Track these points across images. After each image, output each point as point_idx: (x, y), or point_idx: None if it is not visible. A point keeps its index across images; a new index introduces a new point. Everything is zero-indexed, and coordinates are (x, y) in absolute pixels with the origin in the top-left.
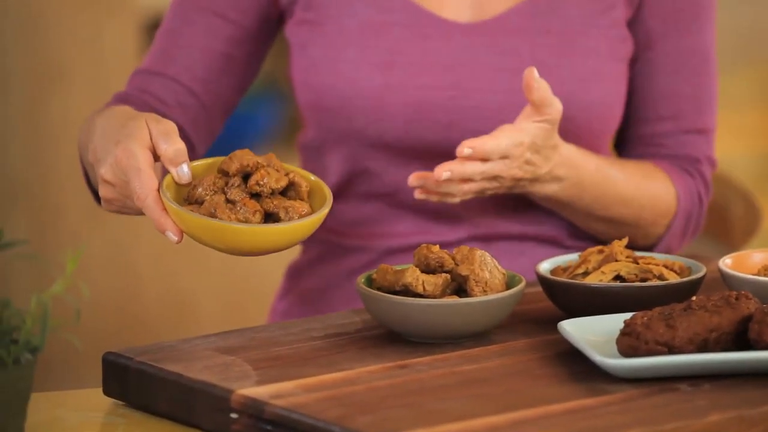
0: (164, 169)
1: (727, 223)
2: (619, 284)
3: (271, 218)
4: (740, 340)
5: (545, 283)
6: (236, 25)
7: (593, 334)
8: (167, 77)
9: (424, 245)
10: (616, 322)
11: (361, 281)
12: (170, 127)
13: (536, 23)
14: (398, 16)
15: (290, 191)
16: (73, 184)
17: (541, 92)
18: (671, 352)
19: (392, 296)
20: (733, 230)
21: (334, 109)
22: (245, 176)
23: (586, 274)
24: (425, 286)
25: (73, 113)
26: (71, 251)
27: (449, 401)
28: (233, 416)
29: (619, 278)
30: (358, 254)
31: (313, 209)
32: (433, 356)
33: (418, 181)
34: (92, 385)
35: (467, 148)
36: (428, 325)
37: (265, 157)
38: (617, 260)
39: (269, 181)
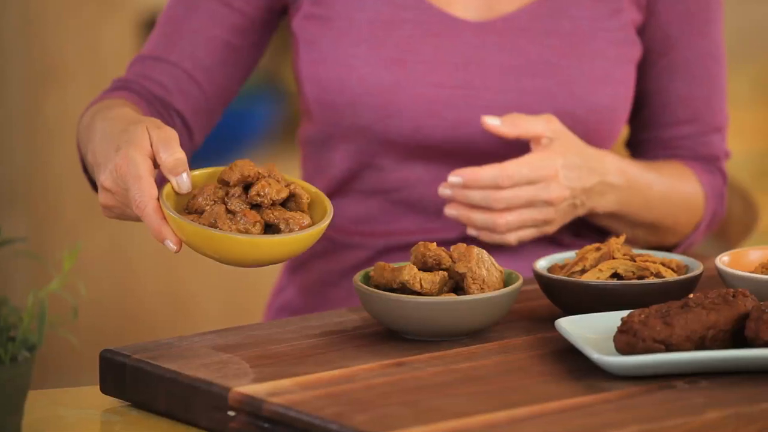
0: (164, 177)
1: (724, 221)
2: (616, 282)
3: (271, 229)
4: (737, 337)
5: (542, 280)
6: (241, 13)
7: (590, 331)
8: (169, 63)
9: (421, 243)
10: (613, 319)
11: (358, 279)
12: (171, 134)
13: (545, 24)
14: (409, 13)
15: (291, 202)
16: (70, 181)
17: (515, 130)
18: (668, 349)
19: (389, 294)
20: (730, 228)
21: (342, 105)
22: (246, 186)
23: (583, 271)
24: (422, 283)
25: (70, 111)
26: (69, 249)
27: (447, 399)
28: (231, 414)
29: (616, 276)
30: (357, 251)
31: (313, 221)
32: (430, 354)
33: (447, 189)
34: (89, 382)
35: (454, 176)
36: (425, 322)
37: (266, 167)
38: (614, 258)
39: (270, 192)
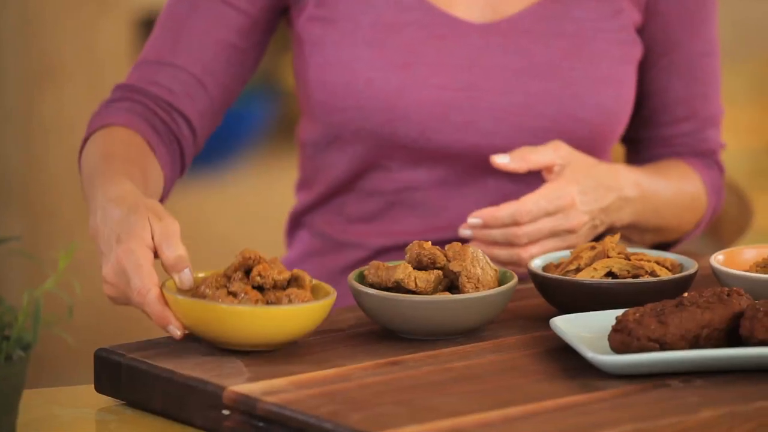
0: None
1: (719, 219)
2: (610, 281)
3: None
4: (732, 336)
5: (537, 279)
6: (245, 14)
7: (585, 330)
8: (175, 67)
9: (416, 242)
10: (607, 318)
11: (353, 277)
12: (172, 228)
13: (549, 25)
14: (412, 15)
15: (293, 285)
16: (66, 181)
17: (524, 165)
18: (663, 348)
19: (384, 293)
20: (725, 227)
21: (348, 107)
22: (247, 272)
23: (578, 270)
24: (417, 282)
25: (66, 111)
26: (64, 248)
27: (441, 398)
28: (225, 413)
29: (611, 275)
30: (354, 250)
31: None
32: (425, 353)
33: (467, 230)
34: (85, 381)
35: (473, 218)
36: (420, 321)
37: (269, 259)
38: (609, 257)
39: (272, 272)
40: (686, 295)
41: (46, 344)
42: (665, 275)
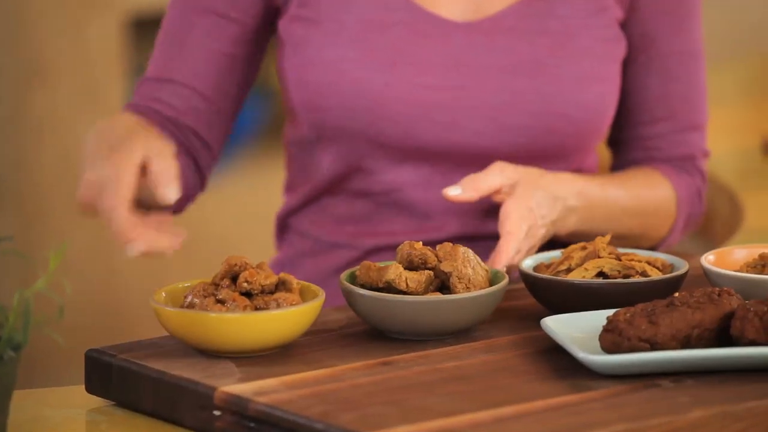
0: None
1: (709, 219)
2: (601, 281)
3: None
4: (722, 336)
5: (528, 279)
6: (238, 23)
7: (576, 330)
8: (176, 83)
9: (407, 242)
10: (598, 318)
11: (344, 278)
12: (167, 150)
13: (533, 23)
14: (396, 14)
15: (281, 290)
16: (58, 180)
17: (476, 193)
18: (654, 348)
19: (375, 293)
20: (715, 227)
21: (332, 108)
22: (234, 278)
23: (569, 270)
24: (408, 282)
25: (57, 110)
26: (55, 248)
27: (432, 398)
28: (216, 413)
29: (601, 275)
30: (344, 251)
31: None
32: (416, 353)
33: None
34: (75, 382)
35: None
36: (411, 322)
37: (256, 264)
38: (600, 257)
39: (258, 278)
40: (677, 295)
41: (36, 345)
42: (656, 275)
